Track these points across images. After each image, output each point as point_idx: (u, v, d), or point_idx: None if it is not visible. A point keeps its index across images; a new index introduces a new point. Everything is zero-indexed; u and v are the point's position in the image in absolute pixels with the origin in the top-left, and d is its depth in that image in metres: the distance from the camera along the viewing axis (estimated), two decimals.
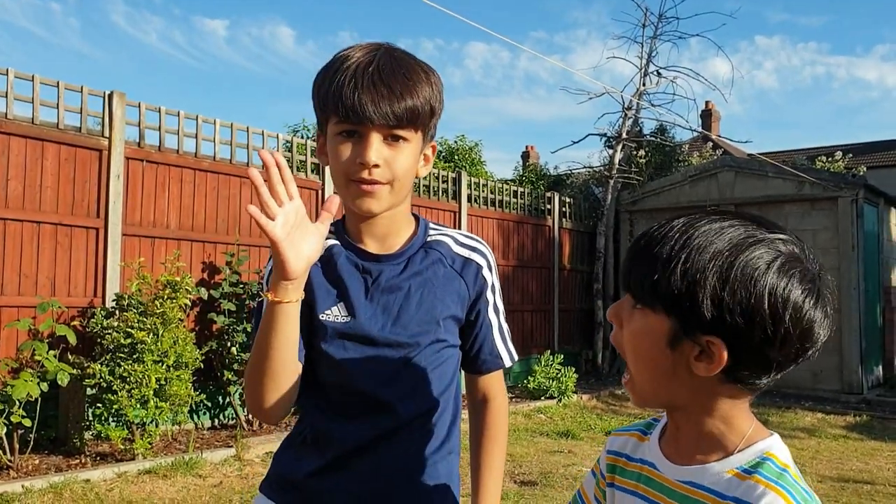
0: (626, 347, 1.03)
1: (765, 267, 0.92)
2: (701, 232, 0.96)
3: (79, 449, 5.54)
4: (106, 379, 5.45)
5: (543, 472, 5.91)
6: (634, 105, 12.52)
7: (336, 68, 1.34)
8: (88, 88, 6.25)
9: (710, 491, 0.97)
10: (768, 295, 0.91)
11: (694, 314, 0.93)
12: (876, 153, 26.92)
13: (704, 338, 0.94)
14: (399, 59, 1.36)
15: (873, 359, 10.84)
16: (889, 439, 7.65)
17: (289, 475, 1.47)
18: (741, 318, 0.91)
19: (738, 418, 1.01)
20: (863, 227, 10.45)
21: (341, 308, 1.43)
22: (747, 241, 0.94)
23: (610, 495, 1.14)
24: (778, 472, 0.94)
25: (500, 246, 10.49)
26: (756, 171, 11.20)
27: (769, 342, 0.92)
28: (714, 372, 0.95)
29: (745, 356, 0.94)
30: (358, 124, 1.32)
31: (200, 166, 7.01)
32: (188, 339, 5.94)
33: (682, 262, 0.94)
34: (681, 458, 1.03)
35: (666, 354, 0.98)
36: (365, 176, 1.33)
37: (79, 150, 6.18)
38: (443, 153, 15.67)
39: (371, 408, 1.41)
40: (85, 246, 6.20)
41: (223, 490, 5.07)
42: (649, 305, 0.98)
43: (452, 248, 1.50)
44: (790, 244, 0.96)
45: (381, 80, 1.31)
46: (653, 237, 1.00)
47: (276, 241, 1.17)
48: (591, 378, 11.27)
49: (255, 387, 1.32)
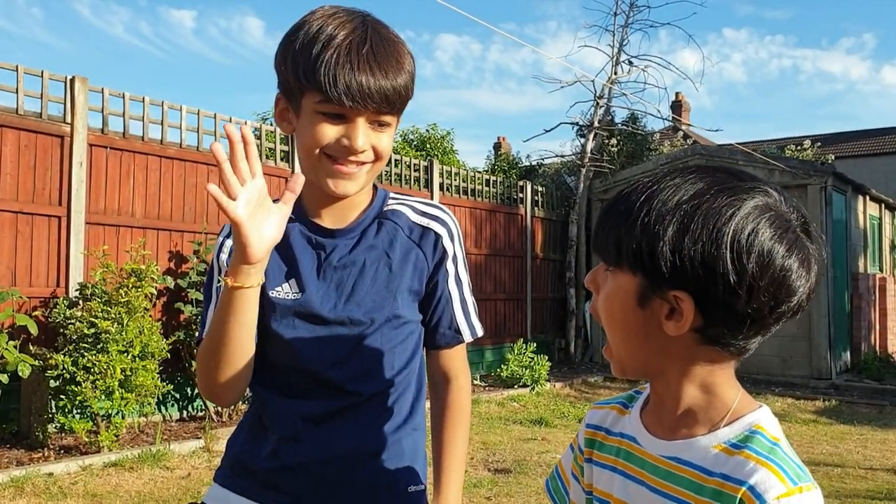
0: (601, 313, 0.98)
1: (729, 213, 0.86)
2: (665, 185, 0.91)
3: (41, 442, 5.41)
4: (69, 370, 5.31)
5: (517, 459, 5.88)
6: (606, 94, 12.53)
7: (315, 39, 1.23)
8: (49, 73, 6.09)
9: (696, 467, 0.91)
10: (730, 241, 0.85)
11: (657, 268, 0.88)
12: (843, 143, 27.32)
13: (671, 293, 0.88)
14: (387, 38, 1.29)
15: (841, 344, 10.97)
16: (857, 423, 7.74)
17: (243, 460, 1.41)
18: (702, 268, 0.85)
19: (721, 386, 0.94)
20: (831, 215, 10.55)
21: (292, 285, 1.36)
22: (712, 189, 0.88)
23: (588, 471, 1.08)
24: (769, 446, 0.88)
25: (472, 235, 10.44)
26: (726, 159, 11.25)
27: (734, 293, 0.85)
28: (683, 330, 0.89)
29: (714, 310, 0.87)
30: (346, 108, 1.24)
31: (166, 153, 6.87)
32: (154, 328, 5.82)
33: (643, 214, 0.89)
34: (664, 432, 0.97)
35: (637, 314, 0.92)
36: (351, 159, 1.28)
37: (40, 137, 6.02)
38: (414, 142, 15.58)
39: (322, 388, 1.35)
40: (47, 235, 6.05)
41: (191, 482, 4.97)
42: (617, 265, 0.94)
43: (410, 217, 1.42)
44: (762, 193, 0.89)
45: (377, 62, 1.24)
46: (619, 197, 0.96)
47: (239, 223, 1.12)
48: (563, 366, 11.29)
49: (209, 371, 1.27)
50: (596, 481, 1.06)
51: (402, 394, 1.41)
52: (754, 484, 0.84)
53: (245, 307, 1.20)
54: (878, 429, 7.48)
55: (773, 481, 0.84)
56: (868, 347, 11.80)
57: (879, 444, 6.78)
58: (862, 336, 11.58)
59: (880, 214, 13.83)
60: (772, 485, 0.84)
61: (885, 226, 14.18)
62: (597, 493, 1.05)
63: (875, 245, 13.46)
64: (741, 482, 0.85)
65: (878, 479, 5.55)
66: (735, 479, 0.86)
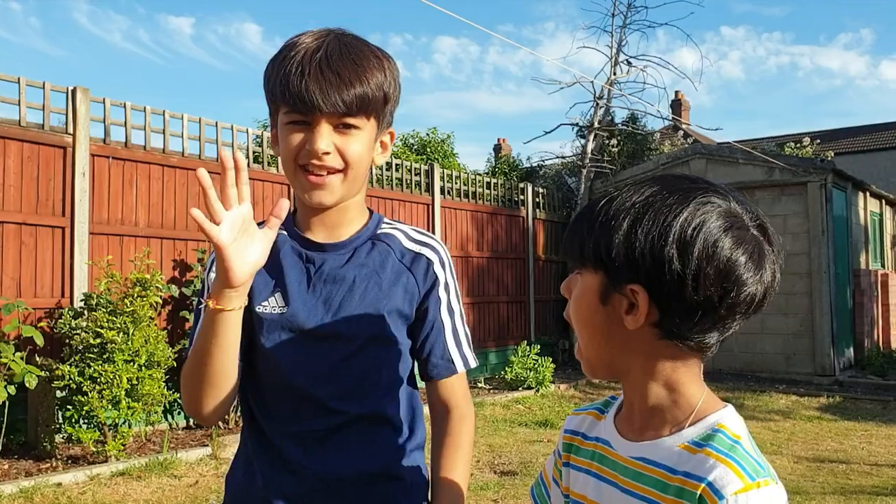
0: (571, 314, 1.04)
1: (678, 208, 0.92)
2: (625, 191, 0.98)
3: (49, 452, 5.43)
4: (76, 380, 5.34)
5: (523, 461, 5.90)
6: (606, 94, 12.55)
7: (284, 56, 1.29)
8: (51, 84, 6.12)
9: (661, 466, 0.94)
10: (677, 233, 0.90)
11: (613, 262, 0.94)
12: (842, 140, 27.34)
13: (628, 287, 0.93)
14: (348, 45, 1.31)
15: (844, 341, 10.97)
16: (861, 419, 7.75)
17: (241, 497, 1.41)
18: (651, 259, 0.91)
19: (686, 385, 0.98)
20: (832, 212, 10.57)
21: (278, 298, 1.36)
22: (665, 190, 0.95)
23: (566, 474, 1.12)
24: (730, 444, 0.91)
25: (474, 237, 10.46)
26: (727, 157, 11.28)
27: (682, 283, 0.90)
28: (639, 323, 0.94)
29: (666, 302, 0.92)
30: (306, 114, 1.27)
31: (169, 162, 6.89)
32: (160, 337, 5.84)
33: (602, 215, 0.96)
34: (634, 435, 1.01)
35: (600, 312, 0.98)
36: (315, 162, 1.29)
37: (42, 148, 6.05)
38: (415, 146, 15.61)
39: (309, 406, 1.34)
40: (51, 245, 6.07)
41: (199, 489, 4.99)
42: (582, 265, 1.00)
43: (403, 242, 1.43)
44: (714, 194, 0.94)
45: (329, 67, 1.26)
46: (584, 207, 1.03)
47: (221, 247, 1.13)
48: (567, 368, 11.30)
49: (191, 391, 1.28)
50: (572, 484, 1.09)
51: (393, 414, 1.40)
52: (713, 480, 0.88)
53: (226, 330, 1.20)
54: (883, 424, 7.48)
55: (731, 477, 0.87)
56: (871, 343, 11.81)
57: (884, 439, 6.79)
58: (865, 332, 11.59)
59: (881, 210, 13.85)
60: (730, 481, 0.87)
61: (886, 221, 14.19)
62: (573, 495, 1.09)
63: (876, 241, 13.47)
64: (701, 479, 0.89)
65: (884, 474, 5.56)
66: (696, 476, 0.90)
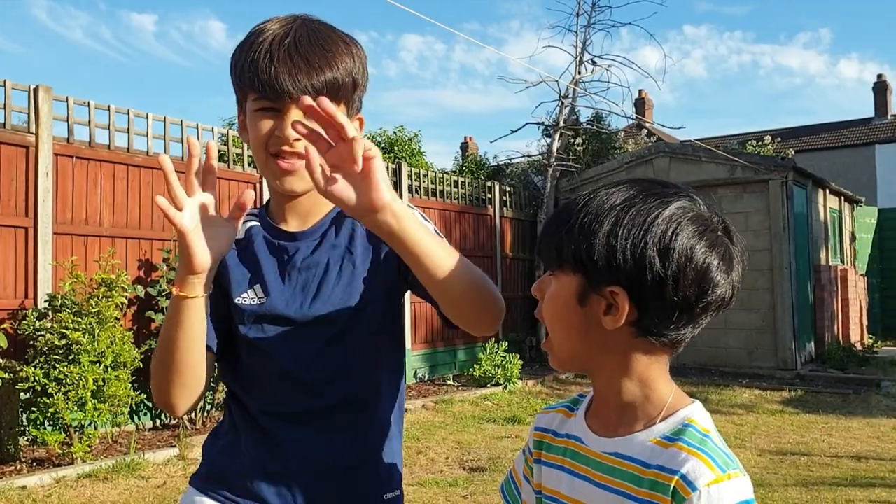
0: (545, 314, 1.06)
1: (656, 212, 0.96)
2: (600, 194, 1.01)
3: (13, 455, 5.35)
4: (40, 382, 5.27)
5: (492, 457, 5.95)
6: (570, 93, 12.65)
7: (252, 42, 1.29)
8: (12, 83, 6.03)
9: (635, 461, 0.98)
10: (657, 238, 0.95)
11: (594, 265, 0.97)
12: (803, 137, 27.84)
13: (607, 289, 0.97)
14: (317, 31, 1.32)
15: (805, 335, 11.20)
16: (822, 412, 7.92)
17: (221, 469, 1.41)
18: (633, 262, 0.95)
19: (657, 381, 1.02)
20: (793, 209, 10.77)
21: (257, 290, 1.37)
22: (641, 193, 0.99)
23: (537, 471, 1.14)
24: (700, 437, 0.96)
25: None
26: (690, 156, 11.44)
27: (663, 284, 0.94)
28: (620, 322, 0.97)
29: (646, 302, 0.96)
30: (276, 100, 1.27)
31: (133, 161, 6.82)
32: (126, 338, 5.79)
33: (581, 217, 0.99)
34: (606, 431, 1.04)
35: (577, 312, 1.01)
36: (285, 149, 1.29)
37: (4, 147, 5.95)
38: (382, 144, 15.59)
39: (298, 391, 1.35)
40: (14, 246, 5.98)
41: (167, 490, 4.96)
42: (560, 268, 1.02)
43: None
44: (686, 198, 0.99)
45: (298, 53, 1.26)
46: (559, 210, 1.05)
47: (184, 233, 1.13)
48: (535, 364, 11.38)
49: (159, 381, 1.28)
50: (545, 481, 1.12)
51: (380, 397, 1.40)
52: (686, 472, 0.92)
53: (191, 317, 1.20)
54: (843, 417, 7.66)
55: (703, 469, 0.91)
56: (831, 338, 12.06)
57: (844, 431, 6.96)
58: (825, 327, 11.83)
59: (840, 207, 14.14)
60: (701, 473, 0.91)
61: (845, 218, 14.49)
62: (546, 491, 1.11)
63: (836, 237, 13.75)
64: (674, 472, 0.93)
65: (843, 466, 5.70)
66: (669, 469, 0.93)
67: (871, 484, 5.18)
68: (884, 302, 15.73)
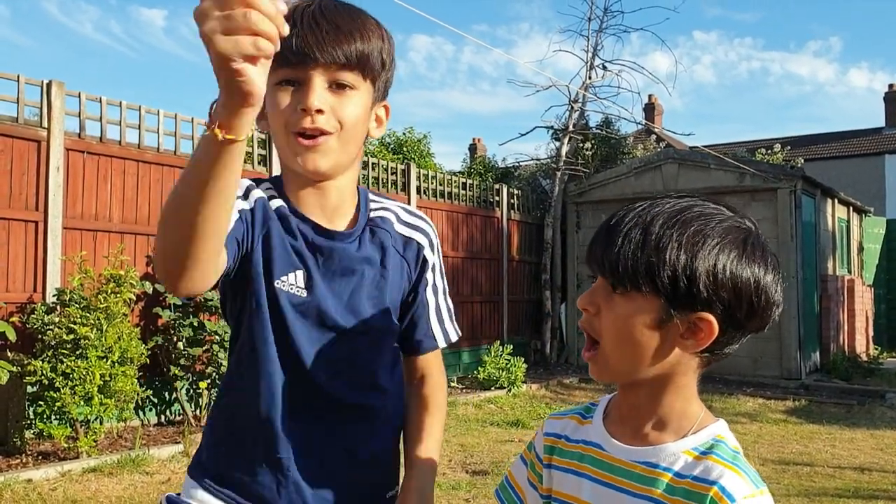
0: (608, 331, 1.04)
1: (743, 247, 1.00)
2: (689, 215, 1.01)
3: (19, 448, 5.39)
4: (48, 376, 5.30)
5: (494, 461, 5.96)
6: (581, 98, 12.65)
7: None
8: (25, 77, 6.06)
9: (667, 470, 1.00)
10: (751, 269, 0.99)
11: (689, 293, 0.98)
12: (812, 146, 27.75)
13: (695, 315, 0.99)
14: (342, 5, 1.25)
15: (811, 345, 11.17)
16: (826, 423, 7.91)
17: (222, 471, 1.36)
18: (734, 292, 0.98)
19: (694, 396, 1.06)
20: (801, 218, 10.75)
21: (299, 277, 1.29)
22: (726, 220, 1.02)
23: (547, 476, 1.15)
24: (732, 454, 1.00)
25: (449, 238, 10.51)
26: (699, 163, 11.43)
27: (752, 314, 1.00)
28: (703, 346, 1.00)
29: (732, 328, 1.00)
30: (298, 67, 1.18)
31: (144, 158, 6.86)
32: (133, 334, 5.82)
33: (675, 244, 0.98)
34: (633, 440, 1.06)
35: (653, 335, 1.01)
36: (307, 125, 1.20)
37: (16, 142, 5.99)
38: (391, 145, 15.62)
39: (305, 390, 1.31)
40: (23, 240, 6.02)
41: (171, 486, 4.98)
42: (635, 288, 1.00)
43: (396, 226, 1.41)
44: (753, 224, 1.05)
45: (325, 18, 1.19)
46: (624, 221, 1.03)
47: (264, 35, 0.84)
48: (539, 368, 11.39)
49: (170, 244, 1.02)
50: (557, 485, 1.13)
51: (392, 402, 1.42)
52: (725, 485, 0.95)
53: (235, 166, 0.95)
54: (846, 428, 7.64)
55: (741, 483, 0.96)
56: (837, 348, 12.02)
57: (847, 443, 6.94)
58: (831, 337, 11.80)
59: (848, 217, 14.09)
60: (739, 486, 0.95)
61: (853, 228, 14.44)
62: (559, 496, 1.12)
63: (843, 247, 13.71)
64: (712, 483, 0.96)
65: (846, 477, 5.69)
66: (705, 480, 0.97)
67: (873, 496, 5.17)
68: (890, 313, 15.67)
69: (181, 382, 6.61)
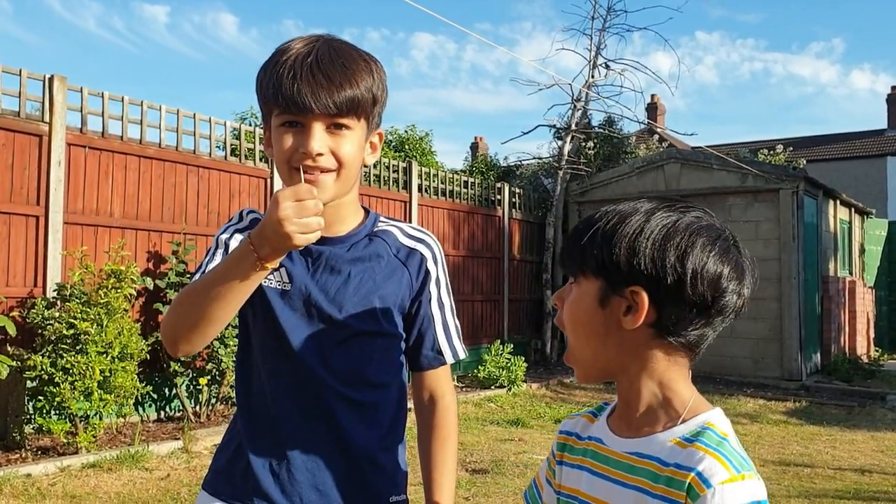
0: (566, 320, 1.12)
1: (675, 220, 1.04)
2: (621, 206, 1.09)
3: (19, 443, 5.38)
4: (48, 371, 5.29)
5: (494, 459, 5.95)
6: (583, 97, 12.63)
7: (276, 61, 1.33)
8: (28, 72, 6.05)
9: (653, 459, 1.02)
10: (676, 241, 1.02)
11: (615, 267, 1.04)
12: (814, 147, 27.71)
13: (628, 289, 1.03)
14: (338, 50, 1.36)
15: (812, 346, 11.16)
16: (827, 424, 7.90)
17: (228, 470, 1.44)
18: (653, 265, 1.02)
19: (678, 383, 1.07)
20: (803, 219, 10.74)
21: (282, 274, 1.41)
22: (661, 206, 1.08)
23: (559, 472, 1.19)
24: (718, 440, 1.00)
25: (450, 236, 10.50)
26: (701, 163, 11.41)
27: (680, 283, 1.01)
28: (640, 321, 1.03)
29: (664, 302, 1.02)
30: (298, 115, 1.31)
31: (145, 153, 6.85)
32: (133, 329, 5.81)
33: (603, 226, 1.07)
34: (628, 432, 1.09)
35: (598, 315, 1.07)
36: (309, 163, 1.32)
37: (18, 136, 5.98)
38: (393, 143, 15.61)
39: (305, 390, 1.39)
40: (24, 234, 6.01)
41: (171, 483, 4.98)
42: (582, 274, 1.09)
43: (398, 237, 1.49)
44: (701, 211, 1.08)
45: (320, 70, 1.31)
46: (582, 222, 1.12)
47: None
48: (540, 367, 11.39)
49: (183, 323, 1.29)
50: (564, 480, 1.17)
51: (383, 405, 1.45)
52: (702, 470, 0.96)
53: (254, 283, 1.25)
54: (847, 430, 7.63)
55: (718, 468, 0.96)
56: (838, 349, 12.01)
57: (848, 444, 6.94)
58: (832, 338, 11.79)
59: (850, 218, 14.08)
60: (716, 471, 0.96)
61: (855, 229, 14.43)
62: (565, 490, 1.16)
63: (845, 249, 13.70)
64: (690, 469, 0.97)
65: (847, 478, 5.69)
66: (685, 467, 0.98)
67: (874, 498, 5.17)
68: (891, 315, 15.66)
69: (181, 378, 6.60)
